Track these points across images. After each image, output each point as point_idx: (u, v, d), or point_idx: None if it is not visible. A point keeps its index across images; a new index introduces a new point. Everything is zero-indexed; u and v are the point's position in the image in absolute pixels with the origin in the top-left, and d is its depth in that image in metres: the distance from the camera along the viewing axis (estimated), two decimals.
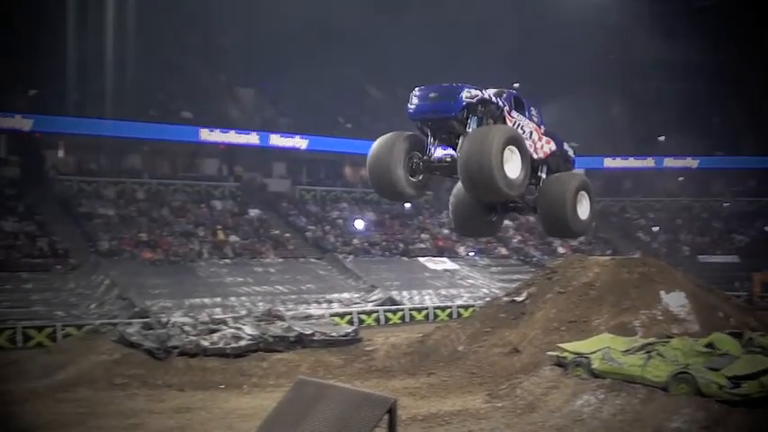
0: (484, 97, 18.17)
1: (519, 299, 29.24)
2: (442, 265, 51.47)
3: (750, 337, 21.03)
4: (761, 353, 19.11)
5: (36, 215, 45.05)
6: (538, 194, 20.38)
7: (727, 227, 65.07)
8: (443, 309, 42.68)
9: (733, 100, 65.95)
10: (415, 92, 18.36)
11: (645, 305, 26.11)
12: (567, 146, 21.14)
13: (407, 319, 41.27)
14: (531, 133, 19.55)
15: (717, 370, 18.28)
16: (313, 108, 57.98)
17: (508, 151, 17.38)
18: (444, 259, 52.22)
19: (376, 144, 18.60)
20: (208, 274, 44.03)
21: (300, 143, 57.37)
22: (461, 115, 17.96)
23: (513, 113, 18.98)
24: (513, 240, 58.97)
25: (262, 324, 28.15)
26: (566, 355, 21.41)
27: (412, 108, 18.31)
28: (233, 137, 55.48)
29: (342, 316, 38.03)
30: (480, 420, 19.35)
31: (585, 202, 20.39)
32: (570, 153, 21.27)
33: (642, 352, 19.97)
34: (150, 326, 27.41)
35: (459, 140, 18.02)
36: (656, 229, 65.48)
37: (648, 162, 68.12)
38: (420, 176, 18.74)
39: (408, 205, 57.62)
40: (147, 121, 52.10)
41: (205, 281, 42.88)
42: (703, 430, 16.73)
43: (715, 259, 59.32)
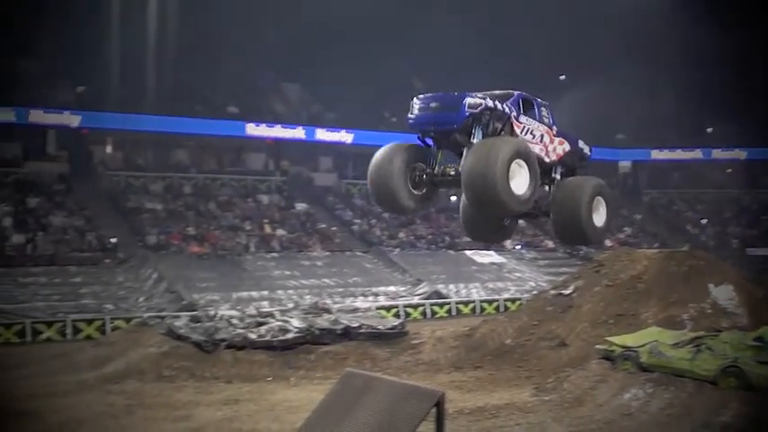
0: (488, 106, 17.02)
1: (566, 292, 29.05)
2: (488, 258, 51.26)
3: None
4: None
5: (84, 210, 45.54)
6: (551, 198, 19.15)
7: None
8: (490, 302, 42.54)
9: None
10: (416, 101, 17.50)
11: (693, 298, 25.86)
12: (581, 143, 19.94)
13: (454, 313, 41.19)
14: (541, 137, 18.42)
15: (766, 363, 18.12)
16: (359, 102, 58.01)
17: (515, 165, 16.42)
18: (491, 252, 51.95)
19: (378, 154, 17.69)
20: (255, 267, 44.26)
21: (346, 137, 57.44)
22: (465, 126, 16.94)
23: (522, 118, 17.86)
24: None
25: (309, 317, 28.21)
26: (614, 348, 21.32)
27: (412, 118, 17.47)
28: (279, 131, 55.64)
29: (388, 309, 38.06)
30: (527, 414, 19.32)
31: (602, 208, 19.09)
32: (586, 150, 20.09)
33: (691, 345, 19.85)
34: (198, 319, 27.59)
35: (464, 152, 17.13)
36: (704, 221, 64.83)
37: (696, 154, 67.49)
38: (424, 189, 17.75)
39: (455, 198, 57.51)
40: (193, 116, 52.43)
41: (252, 274, 43.09)
42: (752, 424, 16.60)
43: (764, 252, 58.52)
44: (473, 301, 42.57)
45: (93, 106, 49.48)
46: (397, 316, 36.54)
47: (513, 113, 17.56)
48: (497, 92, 17.91)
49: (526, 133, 17.86)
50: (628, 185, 70.62)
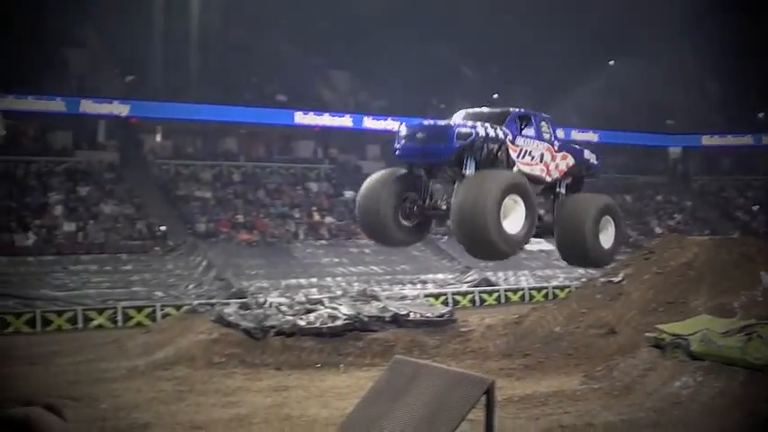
0: (479, 135, 16.03)
1: (616, 279, 28.82)
2: (537, 245, 50.68)
3: None
4: None
5: (134, 198, 46.07)
6: (555, 216, 18.36)
7: None
8: (539, 290, 42.50)
9: None
10: (401, 129, 16.73)
11: (745, 286, 25.51)
12: (587, 153, 19.08)
13: (503, 300, 41.18)
14: (541, 156, 17.42)
15: None
16: (406, 89, 57.95)
17: (509, 201, 15.62)
18: (540, 240, 51.58)
19: (367, 182, 17.33)
20: (304, 254, 44.54)
21: (393, 125, 57.33)
22: (456, 157, 16.04)
23: (518, 140, 16.84)
24: None
25: (357, 304, 28.24)
26: (664, 336, 21.12)
27: (399, 148, 16.73)
28: (327, 120, 55.77)
29: (436, 297, 38.11)
30: (576, 402, 19.22)
31: (611, 228, 18.34)
32: (593, 161, 19.17)
33: (742, 334, 19.61)
34: (247, 306, 27.72)
35: (456, 185, 16.29)
36: (755, 207, 64.02)
37: (747, 140, 66.52)
38: (415, 221, 17.23)
39: None
40: (242, 104, 52.70)
41: (301, 262, 43.36)
42: None
43: None
44: (522, 289, 42.55)
45: (141, 96, 49.95)
46: (446, 304, 36.55)
47: (509, 137, 16.68)
48: (495, 110, 17.32)
49: (524, 156, 17.03)
50: (678, 171, 70.02)
